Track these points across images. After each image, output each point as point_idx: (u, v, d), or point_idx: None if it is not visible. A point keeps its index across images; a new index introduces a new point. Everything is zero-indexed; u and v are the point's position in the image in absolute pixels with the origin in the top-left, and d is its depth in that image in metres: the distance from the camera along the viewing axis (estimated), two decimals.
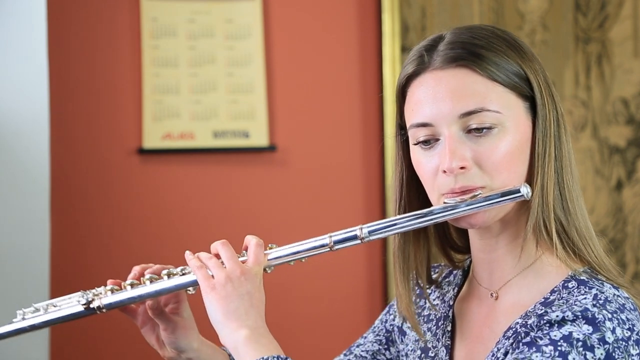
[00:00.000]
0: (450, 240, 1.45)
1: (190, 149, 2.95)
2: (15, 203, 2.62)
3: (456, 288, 1.45)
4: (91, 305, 1.40)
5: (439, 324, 1.43)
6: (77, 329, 2.86)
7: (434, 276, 1.50)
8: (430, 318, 1.45)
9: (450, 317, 1.42)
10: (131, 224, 2.92)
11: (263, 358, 1.24)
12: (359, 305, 3.05)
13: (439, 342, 1.41)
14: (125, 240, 2.91)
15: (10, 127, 2.63)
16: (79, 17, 2.91)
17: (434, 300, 1.47)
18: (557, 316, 1.22)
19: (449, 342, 1.40)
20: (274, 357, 1.24)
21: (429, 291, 1.48)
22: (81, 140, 2.90)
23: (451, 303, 1.44)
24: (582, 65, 3.07)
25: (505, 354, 1.26)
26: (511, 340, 1.26)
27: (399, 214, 1.39)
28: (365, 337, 1.55)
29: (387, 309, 1.56)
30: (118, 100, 2.92)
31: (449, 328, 1.41)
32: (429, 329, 1.44)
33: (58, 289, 2.79)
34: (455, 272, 1.49)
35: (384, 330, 1.54)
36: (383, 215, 3.04)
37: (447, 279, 1.49)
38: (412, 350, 1.46)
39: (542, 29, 3.07)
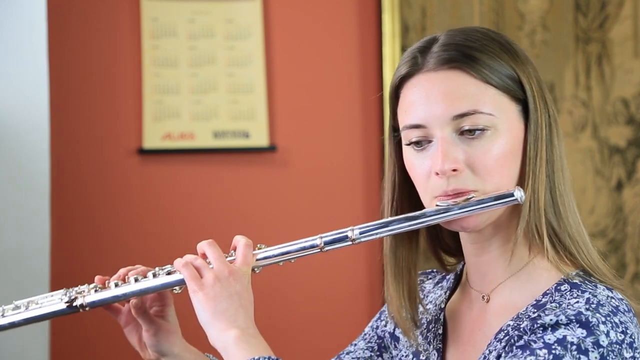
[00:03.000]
0: (442, 242, 1.44)
1: (190, 149, 2.95)
2: (15, 203, 2.62)
3: (448, 292, 1.45)
4: (74, 304, 1.38)
5: (430, 327, 1.42)
6: (77, 329, 2.85)
7: (427, 282, 1.50)
8: (422, 322, 1.44)
9: (442, 320, 1.42)
10: (131, 224, 2.92)
11: (254, 358, 1.23)
12: (358, 306, 3.05)
13: (430, 345, 1.40)
14: (125, 240, 2.91)
15: (10, 127, 2.63)
16: (79, 17, 2.91)
17: (426, 304, 1.46)
18: (550, 320, 1.21)
19: (440, 345, 1.39)
20: (264, 357, 1.23)
21: (421, 295, 1.47)
22: (81, 140, 2.90)
23: (442, 306, 1.43)
24: (582, 66, 3.07)
25: (498, 357, 1.25)
26: (503, 343, 1.26)
27: (391, 216, 1.38)
28: (355, 345, 1.53)
29: (377, 315, 1.55)
30: (118, 100, 2.92)
31: (440, 331, 1.40)
32: (420, 333, 1.43)
33: (58, 289, 2.79)
34: (448, 276, 1.49)
35: (375, 337, 1.52)
36: (383, 215, 3.03)
37: (439, 284, 1.49)
38: (405, 356, 1.45)
39: (542, 29, 3.07)
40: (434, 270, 1.51)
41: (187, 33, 2.97)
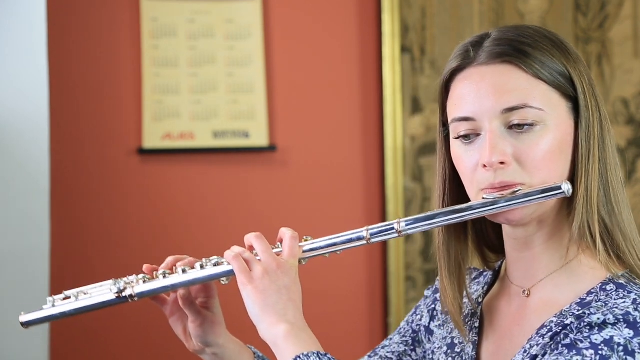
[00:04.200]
0: (486, 238, 1.45)
1: (190, 149, 2.95)
2: (15, 203, 2.62)
3: (486, 287, 1.46)
4: (123, 294, 1.39)
5: (466, 321, 1.43)
6: (77, 329, 2.85)
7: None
8: None
9: (479, 314, 1.42)
10: (131, 224, 2.92)
11: (303, 354, 1.24)
12: (358, 306, 3.05)
13: (465, 337, 1.41)
14: (125, 240, 2.91)
15: (10, 127, 2.63)
16: (79, 17, 2.91)
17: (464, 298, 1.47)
18: (598, 319, 1.21)
19: (476, 339, 1.40)
20: (314, 353, 1.24)
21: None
22: (81, 140, 2.90)
23: (480, 301, 1.44)
24: None
25: (544, 354, 1.25)
26: (547, 339, 1.26)
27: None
28: (391, 339, 1.55)
29: (413, 309, 1.56)
30: (118, 100, 2.92)
31: (476, 325, 1.41)
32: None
33: (58, 290, 2.78)
34: (485, 273, 1.50)
35: (410, 331, 1.54)
36: (383, 215, 3.04)
37: (476, 280, 1.50)
38: (438, 348, 1.46)
39: None
40: (471, 267, 1.51)
41: (187, 33, 2.97)
